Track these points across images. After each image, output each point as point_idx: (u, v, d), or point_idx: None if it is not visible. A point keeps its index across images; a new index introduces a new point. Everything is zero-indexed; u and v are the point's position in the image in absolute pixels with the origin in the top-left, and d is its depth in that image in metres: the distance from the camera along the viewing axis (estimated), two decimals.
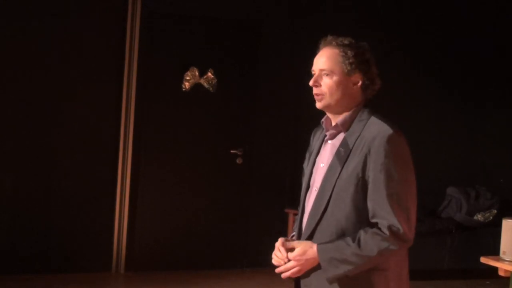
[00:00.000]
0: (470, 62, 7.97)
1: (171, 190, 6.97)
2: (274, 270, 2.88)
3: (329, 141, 2.85)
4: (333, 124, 2.84)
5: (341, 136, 2.81)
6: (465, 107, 8.04)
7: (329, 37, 2.84)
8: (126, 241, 6.81)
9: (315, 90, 2.82)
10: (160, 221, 6.95)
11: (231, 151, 7.15)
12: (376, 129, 2.71)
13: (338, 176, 2.72)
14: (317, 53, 2.85)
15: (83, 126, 6.69)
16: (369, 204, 2.69)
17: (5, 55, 6.44)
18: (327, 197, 2.74)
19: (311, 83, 2.82)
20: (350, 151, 2.73)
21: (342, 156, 2.74)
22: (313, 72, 2.84)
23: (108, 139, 6.79)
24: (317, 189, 2.80)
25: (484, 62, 7.99)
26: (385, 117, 2.79)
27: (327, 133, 2.86)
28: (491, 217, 7.26)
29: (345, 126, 2.79)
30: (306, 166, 2.98)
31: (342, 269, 2.67)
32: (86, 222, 6.71)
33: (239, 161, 7.16)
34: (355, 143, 2.73)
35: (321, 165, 2.83)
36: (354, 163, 2.70)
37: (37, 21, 6.50)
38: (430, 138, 7.78)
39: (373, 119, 2.76)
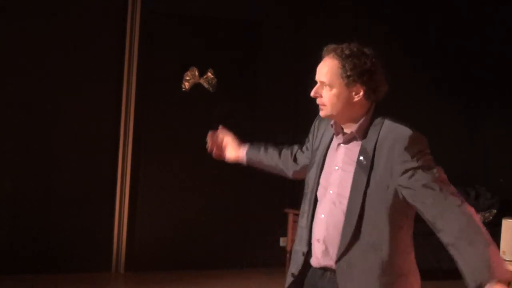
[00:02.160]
0: (470, 62, 7.97)
1: (171, 190, 6.97)
2: (273, 270, 2.88)
3: (342, 145, 2.85)
4: (345, 129, 2.84)
5: (356, 142, 2.81)
6: (465, 107, 8.04)
7: (331, 46, 2.83)
8: (126, 241, 6.81)
9: (317, 100, 2.84)
10: (160, 221, 6.95)
11: None
12: (396, 133, 2.73)
13: (367, 186, 2.73)
14: (320, 60, 2.85)
15: (83, 126, 6.69)
16: (422, 206, 2.70)
17: (5, 55, 6.44)
18: (358, 210, 2.73)
19: (312, 94, 2.83)
20: (373, 159, 2.73)
21: (364, 164, 2.74)
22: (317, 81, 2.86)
23: (108, 139, 6.79)
24: (333, 192, 2.80)
25: (484, 62, 7.99)
26: (396, 119, 2.82)
27: (339, 137, 2.85)
28: (491, 217, 7.26)
29: (361, 133, 2.79)
30: (311, 151, 2.99)
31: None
32: (86, 222, 6.71)
33: None
34: (375, 149, 2.74)
35: (335, 167, 2.83)
36: (380, 170, 2.71)
37: (37, 21, 6.50)
38: (430, 138, 7.74)
39: (388, 122, 2.78)
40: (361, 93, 2.77)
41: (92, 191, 6.74)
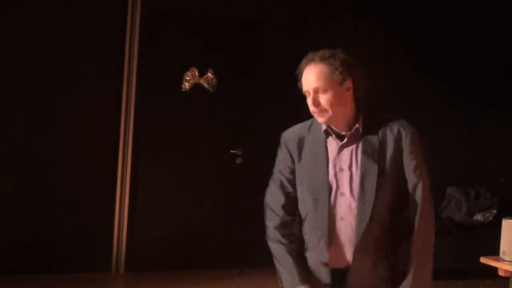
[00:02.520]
0: (470, 62, 7.97)
1: (171, 190, 6.97)
2: (273, 270, 2.88)
3: (345, 145, 2.87)
4: (339, 131, 2.88)
5: (359, 138, 2.86)
6: (465, 107, 8.04)
7: (310, 55, 2.89)
8: (126, 241, 6.82)
9: (315, 108, 2.84)
10: (160, 221, 6.95)
11: (231, 151, 7.14)
12: (400, 127, 2.83)
13: (376, 178, 2.79)
14: (302, 73, 2.88)
15: (83, 126, 6.69)
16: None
17: (5, 55, 6.44)
18: (371, 203, 2.79)
19: (312, 107, 2.84)
20: (380, 151, 2.80)
21: (372, 158, 2.80)
22: (306, 93, 2.87)
23: (108, 139, 6.79)
24: (346, 192, 2.83)
25: (484, 62, 7.99)
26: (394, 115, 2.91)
27: (340, 139, 2.88)
28: (491, 217, 7.26)
29: (365, 128, 2.85)
30: (300, 173, 3.02)
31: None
32: (86, 222, 6.71)
33: (239, 161, 7.15)
34: (380, 142, 2.81)
35: (341, 169, 2.86)
36: (387, 162, 2.80)
37: (37, 20, 6.50)
38: (430, 138, 7.75)
39: (387, 117, 2.87)
40: (351, 86, 2.84)
41: (92, 191, 6.74)
